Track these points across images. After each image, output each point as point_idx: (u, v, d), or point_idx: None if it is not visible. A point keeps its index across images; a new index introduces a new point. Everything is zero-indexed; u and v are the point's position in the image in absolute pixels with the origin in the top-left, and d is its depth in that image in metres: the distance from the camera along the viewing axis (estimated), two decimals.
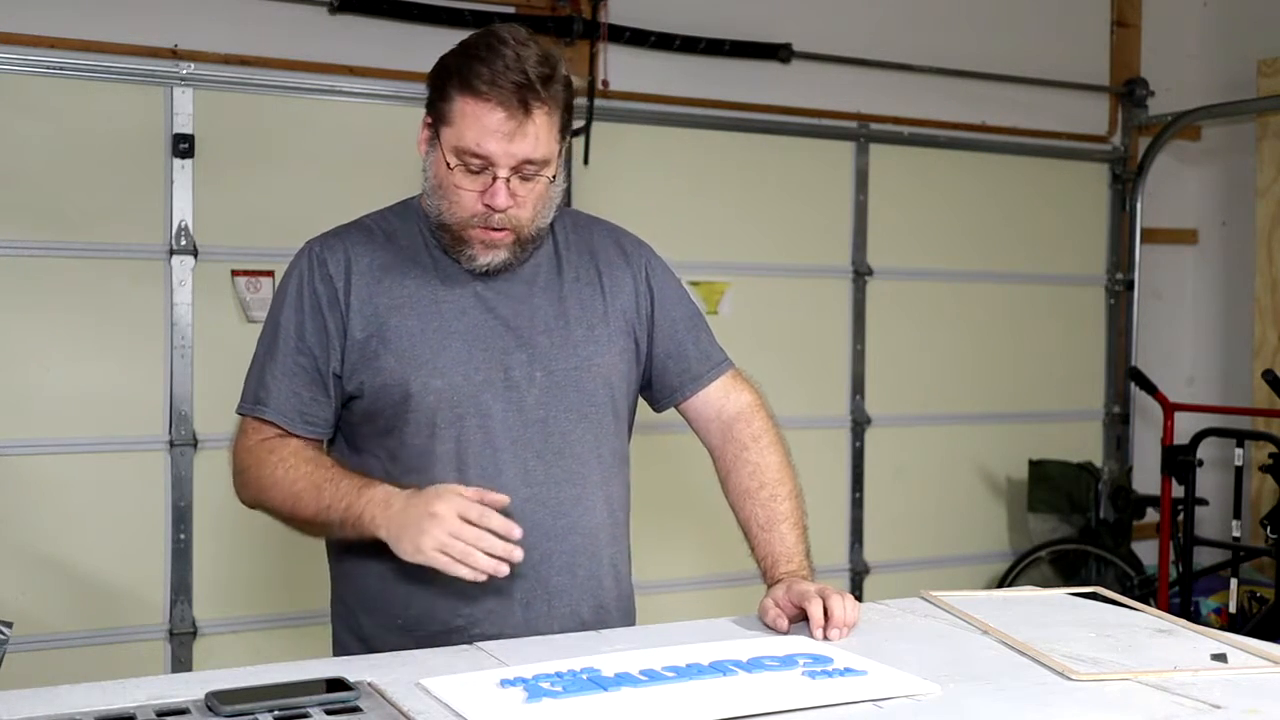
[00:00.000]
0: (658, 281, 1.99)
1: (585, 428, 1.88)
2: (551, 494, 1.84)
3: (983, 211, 4.64)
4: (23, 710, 1.37)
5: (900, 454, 4.48)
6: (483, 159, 1.75)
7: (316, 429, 1.86)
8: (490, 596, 1.81)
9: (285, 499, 1.80)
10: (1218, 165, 5.07)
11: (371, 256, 1.86)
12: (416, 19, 3.69)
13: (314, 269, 1.86)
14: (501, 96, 1.73)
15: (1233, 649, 1.68)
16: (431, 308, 1.83)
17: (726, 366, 2.02)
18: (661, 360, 1.98)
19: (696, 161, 4.12)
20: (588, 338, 1.89)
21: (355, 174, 3.60)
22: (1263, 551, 3.95)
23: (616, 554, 1.94)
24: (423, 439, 1.81)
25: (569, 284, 1.91)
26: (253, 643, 3.48)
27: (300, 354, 1.84)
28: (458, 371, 1.81)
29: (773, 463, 1.95)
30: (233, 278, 3.48)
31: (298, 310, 1.85)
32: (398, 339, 1.81)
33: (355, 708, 1.41)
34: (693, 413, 2.01)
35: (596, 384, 1.89)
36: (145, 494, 3.42)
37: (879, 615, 1.89)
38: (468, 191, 1.77)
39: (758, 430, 1.97)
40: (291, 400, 1.84)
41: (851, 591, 4.33)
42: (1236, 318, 4.97)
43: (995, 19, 4.69)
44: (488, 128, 1.74)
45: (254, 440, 1.86)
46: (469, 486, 1.73)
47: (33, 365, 3.31)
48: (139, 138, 3.40)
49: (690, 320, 2.01)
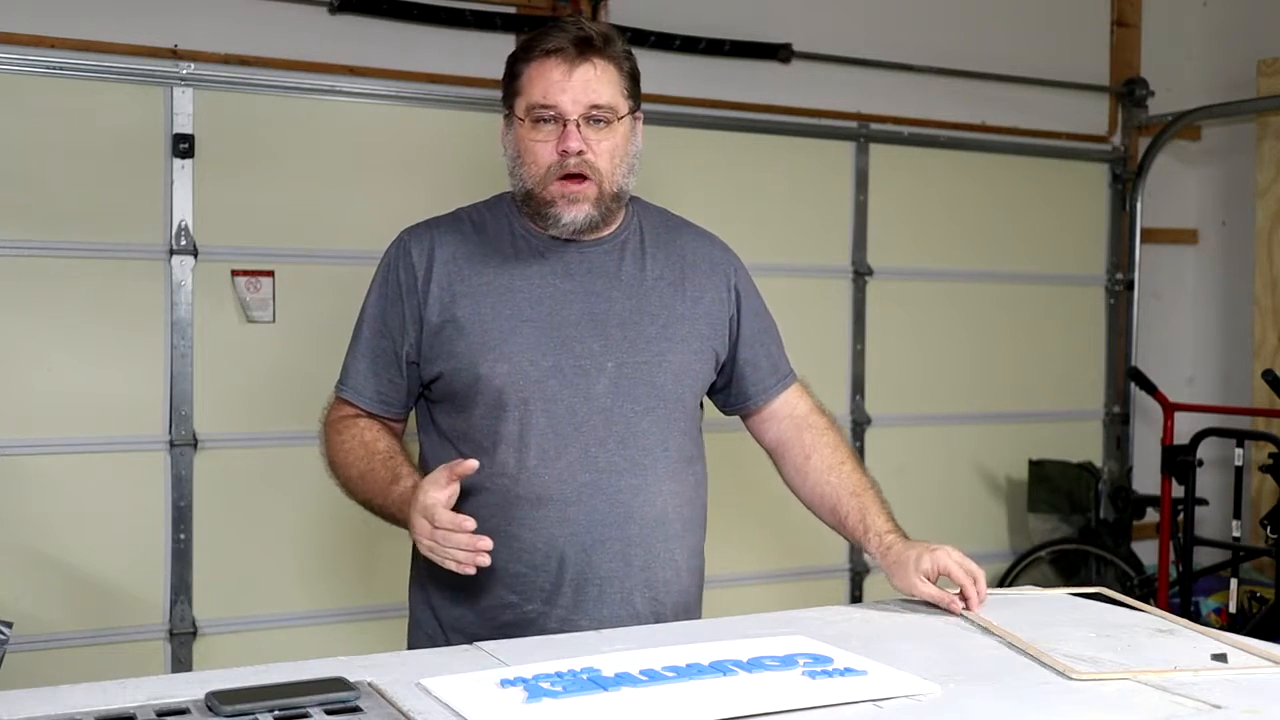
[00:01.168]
0: (744, 291, 2.10)
1: (652, 420, 1.93)
2: (611, 482, 1.90)
3: (983, 211, 4.64)
4: (23, 710, 1.37)
5: (900, 454, 4.47)
6: (552, 107, 1.86)
7: (392, 409, 1.98)
8: (542, 578, 1.89)
9: (344, 481, 1.97)
10: (1218, 165, 5.07)
11: (456, 246, 1.95)
12: (416, 19, 3.69)
13: (400, 257, 1.96)
14: (563, 50, 1.86)
15: (1233, 649, 1.68)
16: (506, 295, 1.91)
17: (793, 378, 2.15)
18: (740, 368, 2.08)
19: (696, 161, 4.12)
20: (662, 334, 1.95)
21: (355, 174, 3.60)
22: (1263, 551, 3.95)
23: (679, 549, 1.98)
24: (490, 420, 1.89)
25: (651, 280, 1.98)
26: (253, 643, 3.48)
27: (381, 337, 1.96)
28: (525, 357, 1.88)
29: (848, 447, 2.10)
30: (233, 278, 3.48)
31: (382, 296, 1.97)
32: (470, 324, 1.90)
33: (355, 708, 1.41)
34: (760, 417, 2.12)
35: (668, 379, 1.95)
36: (145, 494, 3.42)
37: (879, 615, 1.89)
38: (543, 144, 1.87)
39: (828, 423, 2.12)
40: (370, 381, 1.97)
41: (851, 591, 4.39)
42: (1236, 318, 4.97)
43: (995, 19, 4.69)
44: (553, 79, 1.86)
45: (334, 416, 2.01)
46: (523, 472, 1.87)
47: (33, 365, 3.30)
48: (139, 138, 3.39)
49: (768, 331, 2.13)
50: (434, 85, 3.68)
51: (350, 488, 1.95)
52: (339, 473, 1.97)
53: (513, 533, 1.88)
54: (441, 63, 3.75)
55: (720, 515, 2.21)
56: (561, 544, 1.88)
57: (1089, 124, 4.89)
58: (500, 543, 1.81)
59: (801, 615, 1.88)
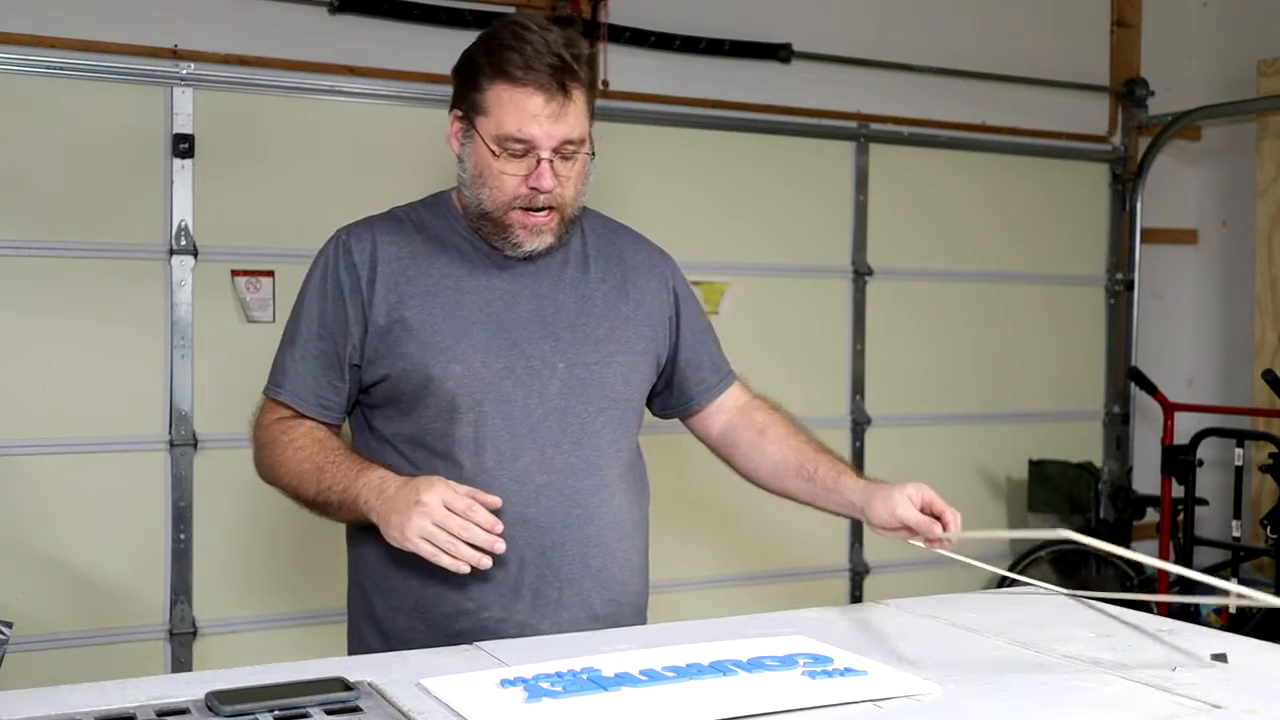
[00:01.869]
0: (682, 293, 2.07)
1: (605, 421, 1.91)
2: (569, 483, 1.87)
3: (983, 211, 4.64)
4: (23, 710, 1.37)
5: (900, 454, 4.47)
6: (525, 143, 1.80)
7: (330, 413, 1.92)
8: (500, 582, 1.83)
9: (292, 478, 1.86)
10: (1218, 165, 5.06)
11: (399, 246, 1.91)
12: (416, 19, 3.69)
13: (340, 257, 1.91)
14: (539, 80, 1.78)
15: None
16: (455, 297, 1.88)
17: (734, 377, 2.13)
18: (682, 369, 2.06)
19: (696, 161, 4.12)
20: (609, 336, 1.94)
21: (355, 174, 3.60)
22: (1263, 551, 3.95)
23: (633, 549, 1.96)
24: (442, 423, 1.85)
25: (594, 283, 1.96)
26: (253, 643, 3.48)
27: (320, 339, 1.90)
28: (477, 358, 1.85)
29: (801, 424, 2.08)
30: (233, 278, 3.48)
31: (320, 297, 1.91)
32: (420, 325, 1.86)
33: (355, 708, 1.41)
34: (704, 414, 2.10)
35: (617, 379, 1.93)
36: (145, 494, 3.42)
37: (879, 615, 1.89)
38: (511, 176, 1.82)
39: (776, 404, 2.11)
40: (309, 384, 1.90)
41: (851, 592, 4.39)
42: (1236, 318, 4.96)
43: (995, 19, 4.69)
44: (528, 112, 1.79)
45: (270, 419, 1.92)
46: (480, 474, 1.80)
47: (33, 365, 3.30)
48: (139, 138, 3.39)
49: (707, 332, 2.11)
50: (434, 85, 3.67)
51: (301, 483, 1.84)
52: (285, 469, 1.86)
53: None
54: (441, 63, 3.69)
55: (722, 515, 2.21)
56: (520, 546, 1.82)
57: (1089, 124, 4.89)
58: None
59: (801, 615, 1.88)
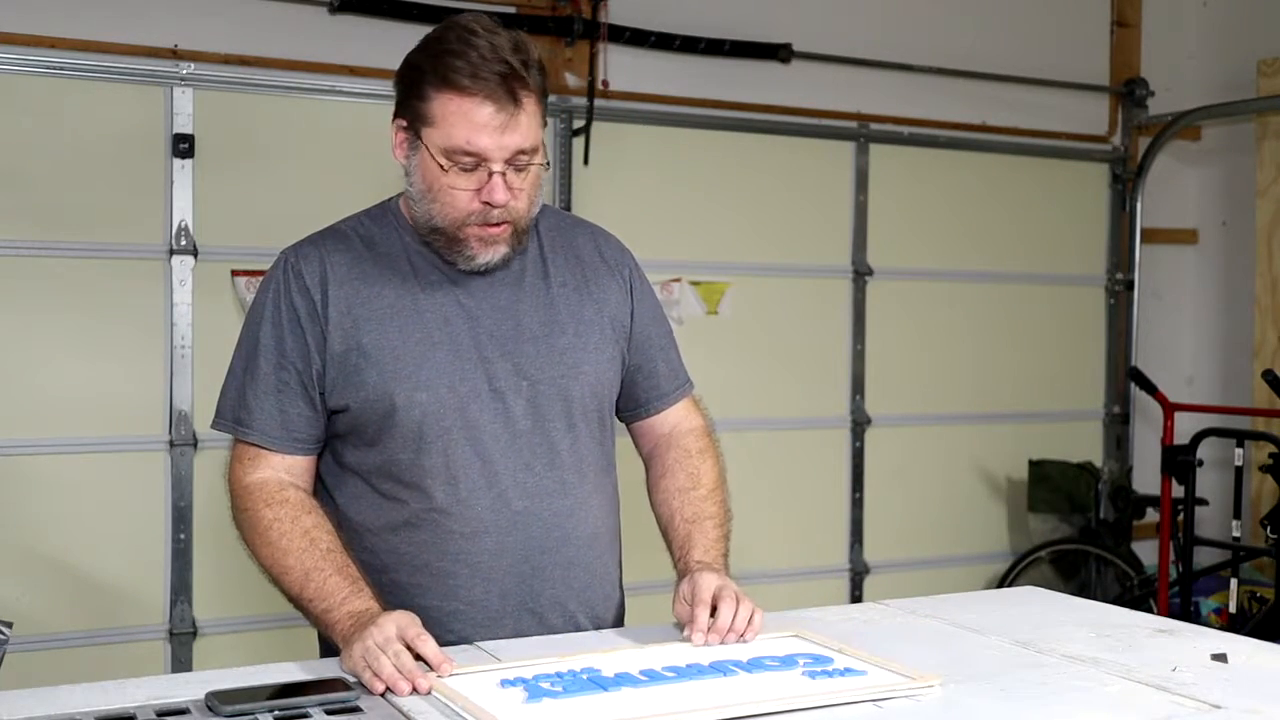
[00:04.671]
0: (639, 293, 1.95)
1: (573, 437, 1.83)
2: (545, 507, 1.80)
3: (983, 211, 4.64)
4: (23, 710, 1.37)
5: (900, 454, 4.48)
6: (475, 155, 1.68)
7: (305, 445, 1.79)
8: (482, 611, 1.77)
9: (272, 564, 1.74)
10: (1218, 165, 5.07)
11: (349, 266, 1.80)
12: (416, 19, 3.69)
13: (289, 281, 1.79)
14: (488, 89, 1.66)
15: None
16: (413, 318, 1.77)
17: (690, 388, 2.02)
18: (632, 374, 1.94)
19: (696, 161, 4.12)
20: (575, 344, 1.84)
21: (355, 174, 3.59)
22: (1263, 551, 3.94)
23: (611, 562, 1.92)
24: (410, 454, 1.76)
25: (556, 288, 1.85)
26: (253, 643, 3.48)
27: (282, 369, 1.77)
28: (442, 383, 1.75)
29: (711, 475, 1.94)
30: (233, 278, 3.48)
31: (275, 324, 1.78)
32: (379, 352, 1.75)
33: (355, 708, 1.41)
34: (646, 424, 1.99)
35: (584, 391, 1.84)
36: (145, 494, 3.42)
37: (879, 615, 1.89)
38: (462, 191, 1.71)
39: (704, 446, 1.96)
40: (276, 418, 1.77)
41: (851, 591, 4.39)
42: (1236, 318, 4.96)
43: (995, 19, 4.69)
44: (477, 123, 1.67)
45: (249, 477, 1.79)
46: (454, 505, 1.74)
47: (33, 365, 3.31)
48: (139, 138, 3.40)
49: (665, 336, 1.98)
50: None
51: (283, 576, 1.72)
52: (264, 551, 1.74)
53: (447, 569, 1.76)
54: None
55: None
56: (501, 575, 1.76)
57: (1089, 124, 4.89)
58: (433, 582, 1.74)
59: (801, 615, 1.88)
